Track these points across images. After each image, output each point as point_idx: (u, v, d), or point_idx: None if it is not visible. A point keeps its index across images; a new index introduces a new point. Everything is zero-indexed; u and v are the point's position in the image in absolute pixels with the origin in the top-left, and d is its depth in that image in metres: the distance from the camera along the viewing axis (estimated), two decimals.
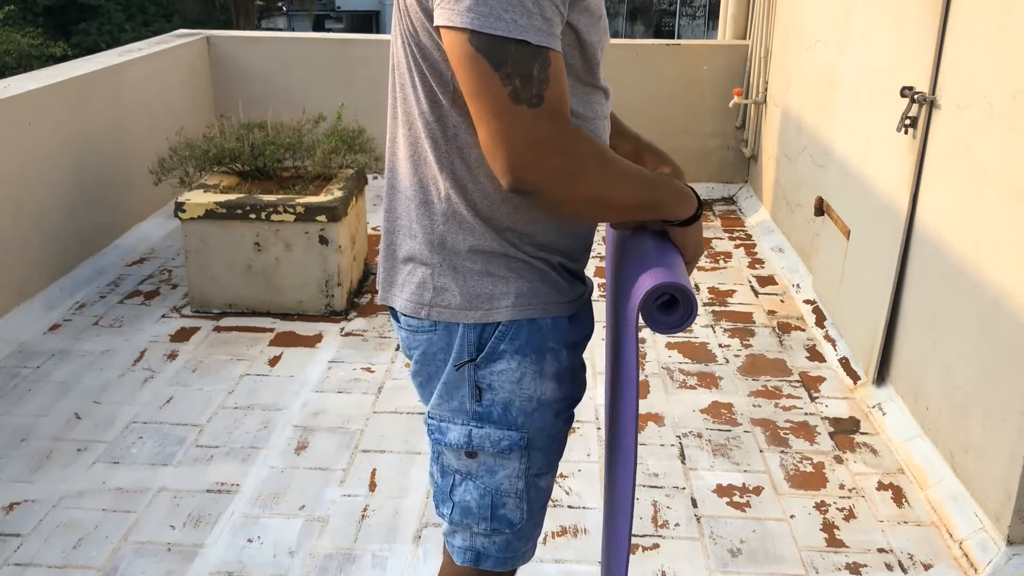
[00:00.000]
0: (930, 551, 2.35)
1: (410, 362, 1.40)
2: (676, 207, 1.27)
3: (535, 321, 1.28)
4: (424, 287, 1.29)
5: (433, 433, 1.37)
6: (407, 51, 1.22)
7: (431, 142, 1.23)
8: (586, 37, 1.18)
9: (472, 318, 1.27)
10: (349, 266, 3.79)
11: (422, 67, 1.21)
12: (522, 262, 1.27)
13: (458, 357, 1.30)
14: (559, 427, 1.38)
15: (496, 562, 1.42)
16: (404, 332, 1.36)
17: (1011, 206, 2.25)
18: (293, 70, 5.38)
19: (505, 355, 1.28)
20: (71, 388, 3.09)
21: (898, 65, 2.98)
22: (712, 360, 3.38)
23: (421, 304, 1.30)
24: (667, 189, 1.26)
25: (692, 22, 27.04)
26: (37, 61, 13.56)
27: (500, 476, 1.35)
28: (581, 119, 1.25)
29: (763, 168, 5.00)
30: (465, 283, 1.27)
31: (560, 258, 1.31)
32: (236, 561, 2.28)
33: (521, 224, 1.26)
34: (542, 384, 1.31)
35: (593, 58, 1.22)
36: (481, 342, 1.28)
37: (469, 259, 1.26)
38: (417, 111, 1.24)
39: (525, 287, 1.27)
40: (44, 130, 3.75)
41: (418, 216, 1.28)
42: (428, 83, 1.21)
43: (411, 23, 1.19)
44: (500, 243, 1.26)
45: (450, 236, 1.26)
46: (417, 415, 2.96)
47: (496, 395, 1.30)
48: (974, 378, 2.42)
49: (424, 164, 1.26)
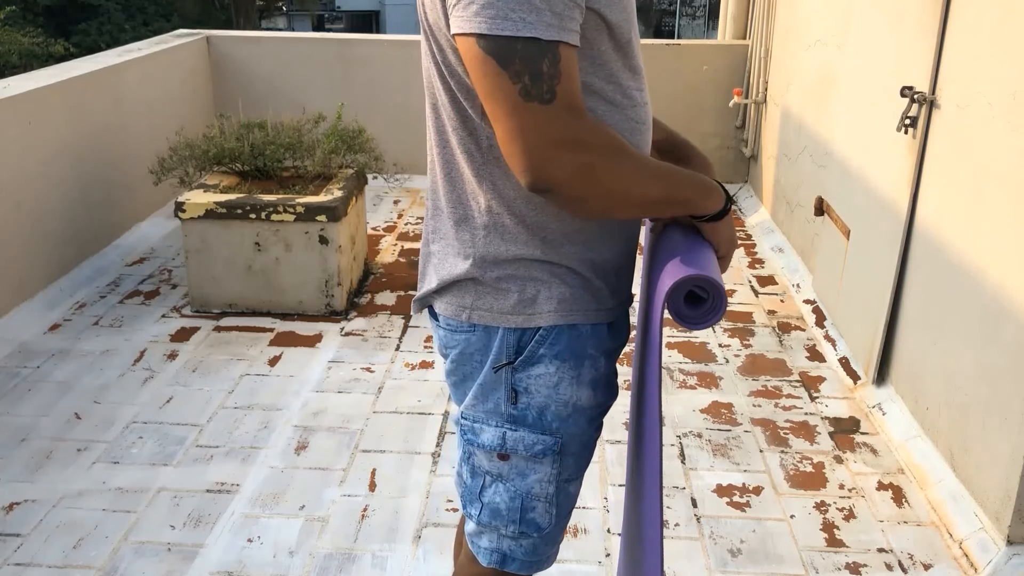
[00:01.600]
0: (930, 551, 2.35)
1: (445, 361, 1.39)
2: (703, 202, 1.24)
3: (576, 327, 1.28)
4: (466, 292, 1.29)
5: (466, 434, 1.36)
6: (436, 70, 1.23)
7: (467, 156, 1.23)
8: (611, 18, 1.16)
9: (514, 322, 1.27)
10: (349, 266, 3.79)
11: (450, 83, 1.21)
12: (565, 268, 1.27)
13: (496, 359, 1.29)
14: (591, 434, 1.38)
15: (521, 565, 1.42)
16: (442, 331, 1.35)
17: (1011, 206, 2.25)
18: (293, 70, 5.38)
19: (544, 359, 1.28)
20: (71, 388, 3.09)
21: (898, 65, 2.98)
22: (712, 360, 3.38)
23: (463, 308, 1.29)
24: (692, 184, 1.24)
25: (692, 22, 27.05)
26: (38, 61, 13.55)
27: (531, 480, 1.35)
28: (622, 107, 1.23)
29: (763, 168, 5.00)
30: (508, 290, 1.26)
31: (603, 264, 1.30)
32: (236, 561, 2.28)
33: (568, 227, 1.25)
34: (579, 390, 1.31)
35: (623, 37, 1.20)
36: (521, 345, 1.28)
37: (512, 267, 1.26)
38: (450, 128, 1.24)
39: (568, 293, 1.27)
40: (44, 130, 3.74)
41: (457, 233, 1.28)
42: (456, 99, 1.21)
43: (436, 41, 1.20)
44: (544, 249, 1.25)
45: (492, 248, 1.25)
46: (417, 415, 2.96)
47: (532, 399, 1.30)
48: (974, 378, 2.42)
49: (461, 181, 1.26)
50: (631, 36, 1.22)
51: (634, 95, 1.25)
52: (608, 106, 1.21)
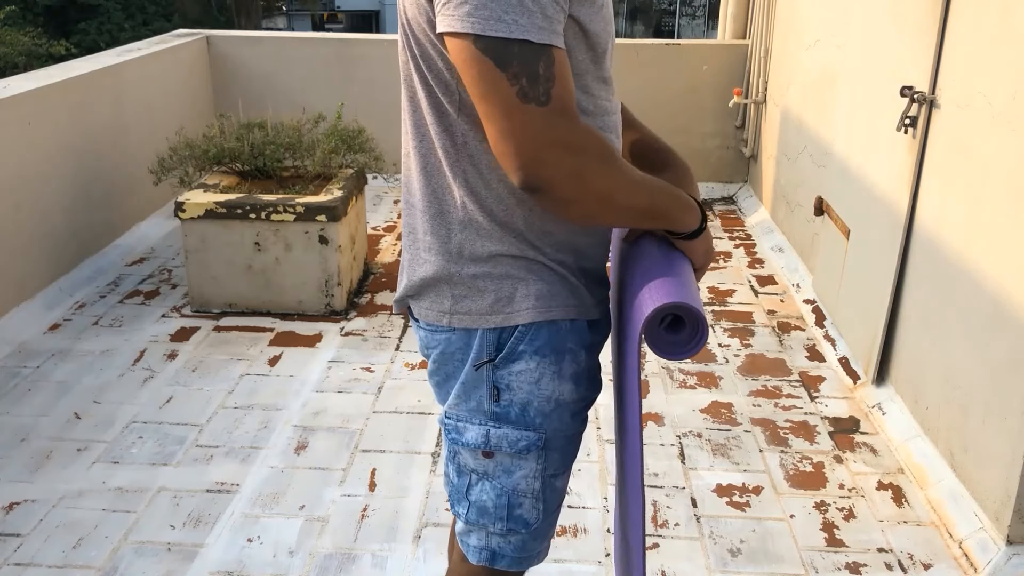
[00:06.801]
0: (930, 551, 2.35)
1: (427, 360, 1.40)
2: (682, 218, 1.25)
3: (555, 323, 1.28)
4: (443, 296, 1.29)
5: (450, 433, 1.37)
6: (413, 64, 1.23)
7: (443, 152, 1.24)
8: (589, 27, 1.18)
9: (493, 323, 1.27)
10: (349, 266, 3.79)
11: (427, 78, 1.21)
12: (541, 264, 1.27)
13: (477, 357, 1.30)
14: (575, 428, 1.38)
15: (511, 562, 1.43)
16: (423, 332, 1.36)
17: (1011, 205, 2.25)
18: (293, 70, 5.37)
19: (524, 356, 1.28)
20: (71, 388, 3.09)
21: (898, 65, 2.98)
22: (712, 360, 3.38)
23: (442, 312, 1.30)
24: (673, 198, 1.25)
25: (692, 22, 27.06)
26: (39, 60, 13.55)
27: (517, 476, 1.35)
28: (592, 116, 1.24)
29: (763, 168, 5.00)
30: (485, 289, 1.27)
31: (579, 260, 1.30)
32: (236, 561, 2.28)
33: (538, 227, 1.25)
34: (560, 385, 1.31)
35: (599, 47, 1.21)
36: (500, 343, 1.28)
37: (489, 264, 1.26)
38: (427, 122, 1.24)
39: (545, 289, 1.27)
40: (44, 130, 3.74)
41: (433, 227, 1.28)
42: (434, 94, 1.21)
43: (414, 35, 1.20)
44: (519, 247, 1.26)
45: (468, 244, 1.26)
46: (417, 415, 2.96)
47: (514, 395, 1.30)
48: (974, 378, 2.42)
49: (438, 174, 1.26)
50: (607, 47, 1.24)
51: (604, 104, 1.27)
52: (580, 114, 1.21)
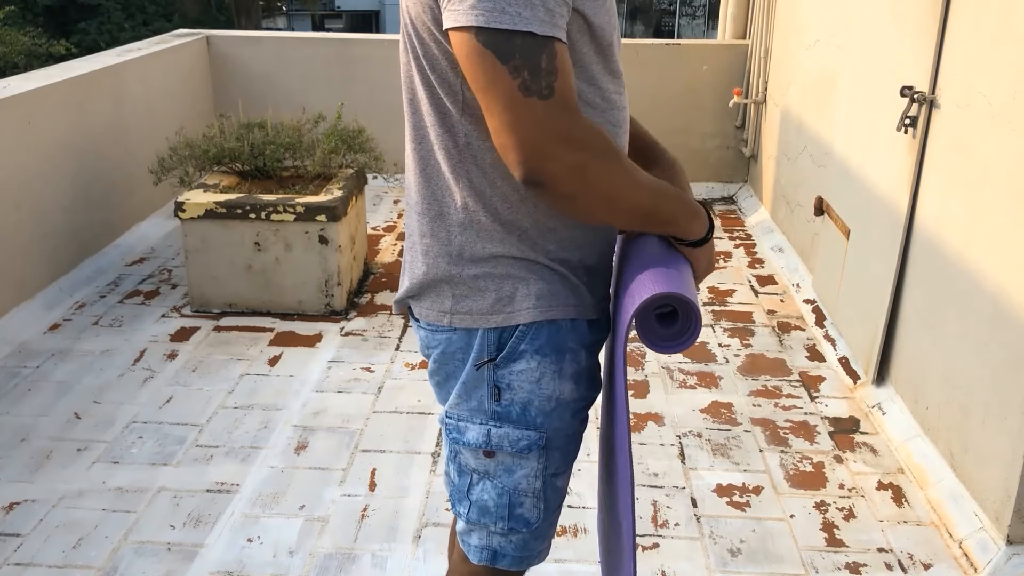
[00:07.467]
0: (930, 551, 2.35)
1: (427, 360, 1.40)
2: (688, 224, 1.25)
3: (555, 322, 1.28)
4: (444, 296, 1.29)
5: (451, 432, 1.37)
6: (415, 66, 1.23)
7: (444, 153, 1.23)
8: (594, 20, 1.17)
9: (494, 322, 1.27)
10: (349, 266, 3.79)
11: (430, 79, 1.21)
12: (542, 265, 1.27)
13: (478, 357, 1.29)
14: (576, 427, 1.38)
15: (512, 561, 1.43)
16: (424, 332, 1.36)
17: (1011, 205, 2.25)
18: (293, 70, 5.37)
19: (525, 355, 1.28)
20: (71, 388, 3.09)
21: (898, 65, 2.98)
22: (712, 360, 3.38)
23: (443, 312, 1.30)
24: (680, 203, 1.24)
25: (692, 22, 27.06)
26: (39, 60, 13.55)
27: (518, 476, 1.35)
28: (600, 109, 1.23)
29: (763, 168, 5.00)
30: (486, 289, 1.27)
31: (583, 258, 1.30)
32: (236, 561, 2.28)
33: (543, 224, 1.25)
34: (561, 384, 1.31)
35: (604, 40, 1.21)
36: (501, 342, 1.28)
37: (489, 264, 1.26)
38: (426, 124, 1.24)
39: (546, 288, 1.27)
40: (44, 130, 3.74)
41: (433, 229, 1.28)
42: (436, 94, 1.21)
43: (418, 35, 1.20)
44: (520, 247, 1.25)
45: (468, 245, 1.26)
46: (417, 415, 2.96)
47: (515, 395, 1.30)
48: (974, 378, 2.42)
49: (437, 176, 1.26)
50: (613, 39, 1.23)
51: (613, 98, 1.26)
52: (587, 108, 1.22)
